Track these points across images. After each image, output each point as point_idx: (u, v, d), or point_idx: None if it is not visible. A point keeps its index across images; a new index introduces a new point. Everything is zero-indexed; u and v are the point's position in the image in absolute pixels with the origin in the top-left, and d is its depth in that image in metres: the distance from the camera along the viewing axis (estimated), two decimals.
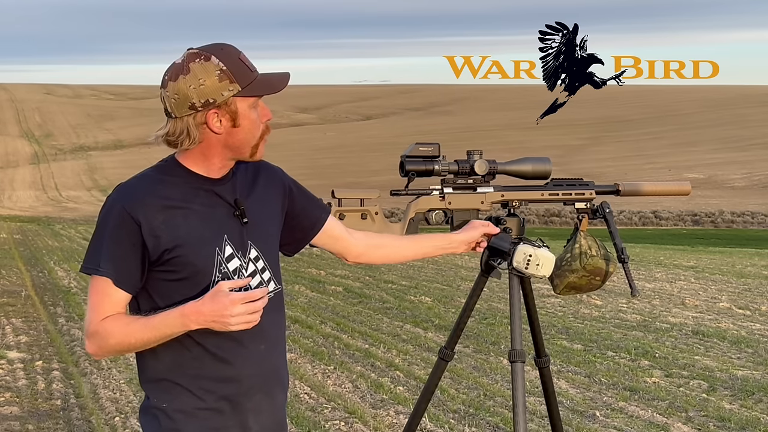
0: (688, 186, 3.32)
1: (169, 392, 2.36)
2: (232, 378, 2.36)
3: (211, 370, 2.35)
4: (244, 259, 2.37)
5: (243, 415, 2.39)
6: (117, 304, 2.33)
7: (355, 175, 73.81)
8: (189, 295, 2.31)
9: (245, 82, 2.29)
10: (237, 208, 2.37)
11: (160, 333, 2.28)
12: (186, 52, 2.32)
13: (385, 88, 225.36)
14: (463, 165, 3.04)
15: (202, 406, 2.35)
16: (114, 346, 2.33)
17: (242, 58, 2.31)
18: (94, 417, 6.31)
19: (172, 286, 2.32)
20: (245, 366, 2.37)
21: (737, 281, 14.24)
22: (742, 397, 6.76)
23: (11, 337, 9.42)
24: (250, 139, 2.34)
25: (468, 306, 3.24)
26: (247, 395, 2.38)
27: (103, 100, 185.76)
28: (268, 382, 2.43)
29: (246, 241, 2.38)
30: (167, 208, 2.30)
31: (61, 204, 69.52)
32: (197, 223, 2.32)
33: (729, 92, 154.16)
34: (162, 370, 2.36)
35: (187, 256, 2.30)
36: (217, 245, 2.33)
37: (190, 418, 2.35)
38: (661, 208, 46.25)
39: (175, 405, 2.36)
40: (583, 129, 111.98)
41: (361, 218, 2.85)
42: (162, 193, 2.32)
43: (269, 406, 2.44)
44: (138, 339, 2.30)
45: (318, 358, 8.16)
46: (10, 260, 18.62)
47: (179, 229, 2.30)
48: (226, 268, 2.35)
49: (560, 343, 8.81)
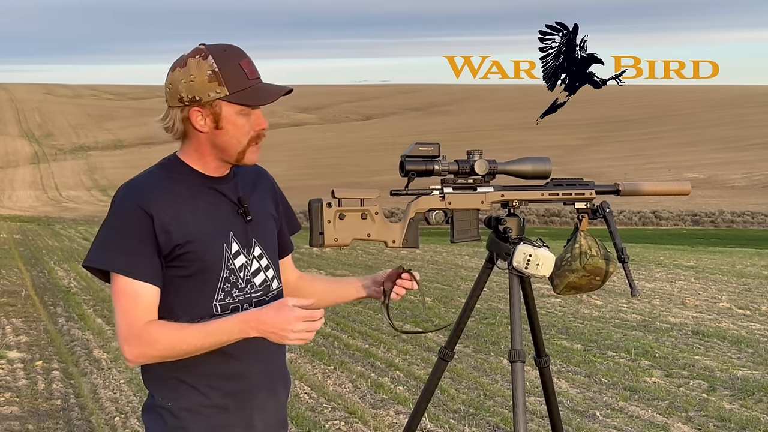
0: (688, 186, 3.32)
1: (175, 390, 2.35)
2: (238, 375, 2.37)
3: (218, 366, 2.34)
4: (248, 257, 2.39)
5: (248, 413, 2.39)
6: (151, 302, 2.28)
7: (355, 175, 73.81)
8: (199, 291, 2.32)
9: (235, 88, 2.29)
10: (241, 205, 2.39)
11: (216, 339, 2.26)
12: (197, 46, 2.35)
13: (385, 88, 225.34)
14: (463, 165, 3.04)
15: (208, 403, 2.35)
16: (160, 351, 2.27)
17: (243, 63, 2.31)
18: (94, 417, 6.32)
19: (182, 282, 2.32)
20: (251, 363, 2.38)
21: (737, 281, 14.24)
22: (742, 397, 6.76)
23: (11, 337, 9.42)
24: (235, 144, 2.34)
25: (468, 306, 3.24)
26: (252, 392, 2.39)
27: (103, 100, 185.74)
28: (273, 380, 2.45)
29: (251, 239, 2.40)
30: (176, 204, 2.31)
31: (61, 204, 69.53)
32: (205, 220, 2.34)
33: (729, 92, 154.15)
34: (168, 368, 2.34)
35: (197, 251, 2.31)
36: (224, 242, 2.35)
37: (195, 416, 2.35)
38: (661, 208, 46.27)
39: (181, 403, 2.35)
40: (583, 129, 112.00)
41: (361, 218, 2.84)
42: (170, 189, 2.33)
43: (273, 404, 2.45)
44: (191, 345, 2.26)
45: (318, 358, 8.16)
46: (10, 260, 18.62)
47: (188, 225, 2.31)
48: (233, 264, 2.36)
49: (560, 343, 8.81)
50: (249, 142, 2.35)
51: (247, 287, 2.38)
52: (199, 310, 2.33)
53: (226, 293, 2.35)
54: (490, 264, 3.15)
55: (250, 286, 2.38)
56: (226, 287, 2.35)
